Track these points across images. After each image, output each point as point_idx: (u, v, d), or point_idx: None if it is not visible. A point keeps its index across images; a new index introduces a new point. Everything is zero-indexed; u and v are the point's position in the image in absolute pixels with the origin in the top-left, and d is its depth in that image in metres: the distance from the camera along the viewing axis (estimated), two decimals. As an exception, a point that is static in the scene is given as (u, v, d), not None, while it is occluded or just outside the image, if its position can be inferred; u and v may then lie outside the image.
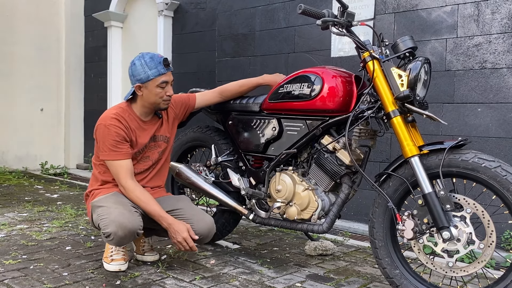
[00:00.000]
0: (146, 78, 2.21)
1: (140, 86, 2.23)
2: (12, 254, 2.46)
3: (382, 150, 3.31)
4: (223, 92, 2.53)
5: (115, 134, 2.19)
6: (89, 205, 2.30)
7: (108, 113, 2.26)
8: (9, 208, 3.64)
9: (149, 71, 2.20)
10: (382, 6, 3.34)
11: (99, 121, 2.24)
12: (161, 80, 2.22)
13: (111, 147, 2.19)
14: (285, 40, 3.88)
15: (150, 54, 2.24)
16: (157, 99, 2.25)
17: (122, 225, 2.05)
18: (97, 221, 2.15)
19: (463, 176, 1.80)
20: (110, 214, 2.09)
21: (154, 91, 2.23)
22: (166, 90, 2.25)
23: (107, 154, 2.21)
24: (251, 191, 2.35)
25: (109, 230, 2.05)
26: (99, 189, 2.31)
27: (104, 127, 2.20)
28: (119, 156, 2.21)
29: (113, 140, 2.19)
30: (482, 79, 2.91)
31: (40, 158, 5.92)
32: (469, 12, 2.95)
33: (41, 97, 5.91)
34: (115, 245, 2.14)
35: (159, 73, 2.21)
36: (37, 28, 5.85)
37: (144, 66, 2.20)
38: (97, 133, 2.24)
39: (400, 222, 1.88)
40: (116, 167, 2.22)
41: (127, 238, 2.10)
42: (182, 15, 4.91)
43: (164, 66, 2.22)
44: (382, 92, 1.96)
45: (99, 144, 2.23)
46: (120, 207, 2.13)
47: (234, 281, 2.17)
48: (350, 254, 2.71)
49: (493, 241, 1.74)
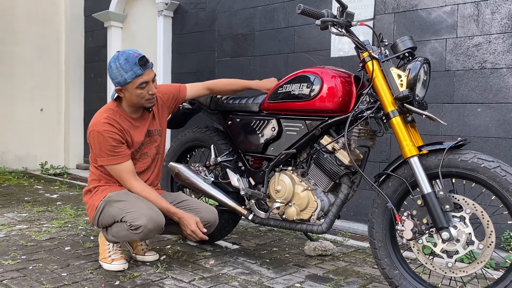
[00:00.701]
0: (123, 82, 2.14)
1: (120, 89, 2.19)
2: (11, 255, 2.45)
3: (382, 150, 3.31)
4: (212, 86, 2.52)
5: (110, 139, 2.17)
6: (93, 201, 2.27)
7: (99, 117, 2.21)
8: (9, 208, 3.64)
9: (125, 74, 2.13)
10: (381, 6, 3.34)
11: (91, 127, 2.20)
12: (139, 81, 2.15)
13: (109, 153, 2.18)
14: (285, 40, 3.88)
15: (125, 54, 2.14)
16: (139, 99, 2.21)
17: (153, 219, 2.10)
18: (119, 215, 2.14)
19: (463, 176, 1.80)
20: (140, 208, 2.11)
21: (135, 93, 2.17)
22: (148, 89, 2.19)
23: (106, 160, 2.20)
24: (250, 191, 2.34)
25: (140, 222, 2.07)
26: (104, 186, 2.30)
27: (98, 134, 2.17)
28: (118, 160, 2.20)
29: (109, 146, 2.17)
30: (482, 79, 2.91)
31: (40, 158, 5.92)
32: (469, 12, 2.95)
33: (41, 97, 5.91)
34: (140, 238, 2.14)
35: (136, 75, 2.13)
36: (37, 28, 5.85)
37: (120, 69, 2.13)
38: (91, 139, 2.21)
39: (399, 223, 1.88)
40: (118, 171, 2.22)
41: (154, 232, 2.14)
42: (181, 15, 4.91)
43: (140, 67, 2.13)
44: (382, 92, 1.95)
45: (95, 150, 2.22)
46: (146, 202, 2.18)
47: (233, 282, 2.17)
48: (350, 255, 2.70)
49: (493, 242, 1.74)
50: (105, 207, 2.21)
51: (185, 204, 2.37)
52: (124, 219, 2.12)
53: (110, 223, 2.22)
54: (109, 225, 2.23)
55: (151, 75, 2.19)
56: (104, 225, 2.26)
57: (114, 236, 2.22)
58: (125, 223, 2.12)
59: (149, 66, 2.18)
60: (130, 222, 2.09)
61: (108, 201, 2.21)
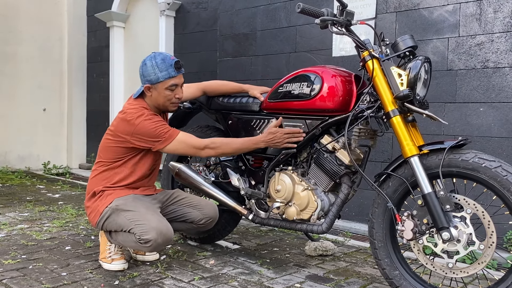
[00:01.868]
0: (156, 80, 2.20)
1: (149, 87, 2.23)
2: (12, 254, 2.46)
3: (384, 150, 3.29)
4: (205, 88, 2.57)
5: (159, 121, 2.19)
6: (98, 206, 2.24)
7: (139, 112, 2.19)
8: (11, 208, 3.65)
9: (159, 73, 2.19)
10: (383, 5, 3.32)
11: (136, 121, 2.16)
12: (170, 83, 2.21)
13: (164, 131, 2.17)
14: (287, 40, 3.87)
15: (162, 55, 2.22)
16: (166, 101, 2.25)
17: (162, 233, 2.09)
18: (127, 226, 2.12)
19: (463, 176, 1.78)
20: (149, 221, 2.09)
21: (163, 93, 2.22)
22: (176, 92, 2.25)
23: (165, 140, 2.18)
24: (250, 191, 2.34)
25: (149, 236, 2.06)
26: (110, 190, 2.26)
27: (148, 121, 2.16)
28: (175, 133, 2.19)
29: (161, 126, 2.18)
30: (484, 78, 2.89)
31: (42, 158, 5.93)
32: (471, 11, 2.93)
33: (43, 97, 5.93)
34: (149, 250, 2.14)
35: (170, 75, 2.20)
36: (40, 28, 5.86)
37: (155, 68, 2.19)
38: (140, 131, 2.16)
39: (399, 223, 1.86)
40: (183, 142, 2.19)
41: (163, 245, 2.14)
42: (183, 15, 4.91)
43: (175, 69, 2.20)
44: (382, 91, 1.94)
45: (149, 139, 2.17)
46: (155, 214, 2.16)
47: (233, 282, 2.16)
48: (351, 255, 2.69)
49: (494, 242, 1.72)
50: (111, 215, 2.18)
51: (185, 201, 2.39)
52: (132, 231, 2.11)
53: (116, 230, 2.20)
54: (114, 231, 2.22)
55: (181, 80, 2.27)
56: (109, 230, 2.25)
57: (120, 243, 2.22)
58: (134, 235, 2.10)
59: (182, 71, 2.25)
60: (139, 235, 2.08)
61: (115, 209, 2.18)
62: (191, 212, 2.36)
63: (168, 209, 2.37)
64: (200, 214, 2.35)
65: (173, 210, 2.37)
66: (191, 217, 2.35)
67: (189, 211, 2.36)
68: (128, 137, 2.21)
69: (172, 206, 2.38)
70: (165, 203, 2.38)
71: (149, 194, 2.36)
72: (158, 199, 2.36)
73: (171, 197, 2.41)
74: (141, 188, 2.34)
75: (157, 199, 2.35)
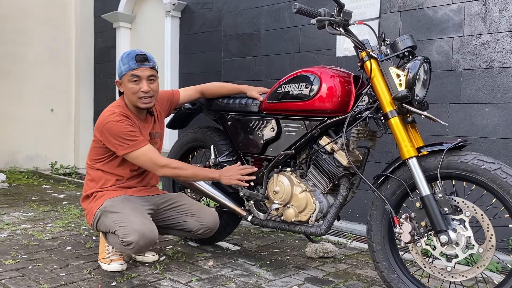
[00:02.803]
0: (120, 74, 2.28)
1: (119, 83, 2.30)
2: (13, 254, 2.47)
3: (388, 151, 3.26)
4: (204, 90, 2.58)
5: (128, 126, 2.20)
6: (92, 207, 2.27)
7: (111, 112, 2.23)
8: (15, 207, 3.68)
9: (122, 67, 2.26)
10: (387, 4, 3.28)
11: (105, 120, 2.21)
12: (130, 73, 2.23)
13: (129, 138, 2.18)
14: (291, 40, 3.85)
15: (130, 51, 2.29)
16: (132, 95, 2.24)
17: (144, 235, 2.08)
18: (112, 227, 2.14)
19: (462, 178, 1.75)
20: (132, 223, 2.09)
21: (128, 86, 2.25)
22: (140, 86, 2.23)
23: (128, 147, 2.19)
24: (248, 192, 2.32)
25: (131, 239, 2.06)
26: (102, 191, 2.29)
27: (114, 123, 2.18)
28: (141, 144, 2.20)
29: (128, 132, 2.19)
30: (489, 78, 2.84)
31: (50, 158, 5.98)
32: (476, 10, 2.88)
33: (51, 98, 5.98)
34: (133, 253, 2.18)
35: (130, 68, 2.24)
36: (48, 29, 5.91)
37: (120, 63, 2.27)
38: (107, 131, 2.19)
39: (397, 225, 1.84)
40: (143, 155, 2.20)
41: (146, 247, 2.14)
42: (189, 16, 4.91)
43: (136, 62, 2.22)
44: (380, 92, 1.91)
45: (113, 141, 2.19)
46: (140, 216, 2.15)
47: (231, 283, 2.15)
48: (352, 257, 2.66)
49: (493, 245, 1.69)
50: (101, 217, 2.21)
51: (184, 208, 2.37)
52: (116, 232, 2.12)
53: (105, 231, 2.23)
54: (106, 232, 2.24)
55: (145, 72, 2.25)
56: (103, 231, 2.27)
57: (111, 244, 2.24)
58: (118, 237, 2.12)
59: (146, 64, 2.24)
60: (121, 237, 2.09)
61: (103, 211, 2.21)
62: (189, 221, 2.34)
63: (165, 215, 2.36)
64: (198, 224, 2.33)
65: (171, 216, 2.36)
66: (189, 226, 2.34)
67: (187, 219, 2.34)
68: (98, 135, 2.25)
69: (170, 212, 2.37)
70: (162, 206, 2.36)
71: (144, 195, 2.35)
72: (153, 201, 2.35)
73: (170, 201, 2.38)
74: (135, 189, 2.34)
75: (151, 202, 2.34)
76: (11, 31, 5.64)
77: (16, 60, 5.69)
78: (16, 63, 5.70)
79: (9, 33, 5.63)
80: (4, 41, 5.59)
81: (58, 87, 6.03)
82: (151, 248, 2.38)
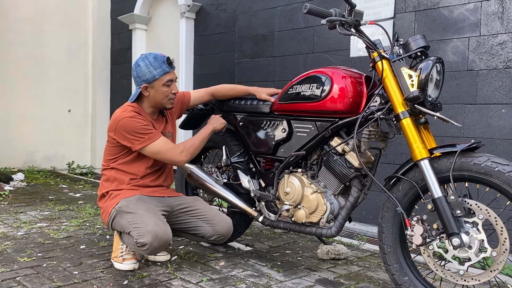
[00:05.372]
0: (152, 78, 2.27)
1: (146, 87, 2.29)
2: (28, 252, 2.52)
3: (402, 153, 3.22)
4: (214, 92, 2.62)
5: (141, 120, 2.24)
6: (107, 206, 2.30)
7: (123, 110, 2.28)
8: (32, 206, 3.74)
9: (154, 71, 2.26)
10: (402, 4, 3.25)
11: (118, 117, 2.24)
12: (166, 78, 2.28)
13: (144, 132, 2.22)
14: (304, 40, 3.84)
15: (153, 54, 2.29)
16: (164, 97, 2.30)
17: (158, 236, 2.09)
18: (127, 228, 2.16)
19: (476, 180, 1.72)
20: (146, 224, 2.11)
21: (161, 90, 2.28)
22: (172, 88, 2.31)
23: (144, 140, 2.22)
24: (259, 193, 2.32)
25: (145, 240, 2.08)
26: (118, 190, 2.31)
27: (128, 120, 2.22)
28: (156, 136, 2.24)
29: (143, 126, 2.23)
30: (506, 79, 2.79)
31: (67, 158, 6.07)
32: (493, 9, 2.83)
33: (69, 99, 6.08)
34: (147, 254, 2.19)
35: (164, 72, 2.27)
36: (66, 31, 6.01)
37: (149, 66, 2.26)
38: (121, 128, 2.22)
39: (409, 228, 1.81)
40: (161, 146, 2.24)
41: (161, 249, 2.16)
42: (203, 17, 4.94)
43: (167, 65, 2.27)
44: (392, 92, 1.90)
45: (128, 137, 2.23)
46: (154, 217, 2.17)
47: (241, 284, 2.15)
48: (364, 259, 2.64)
49: (507, 249, 1.66)
50: (116, 216, 2.24)
51: (199, 212, 2.37)
52: (131, 233, 2.14)
53: (121, 231, 2.26)
54: (121, 231, 2.27)
55: (175, 75, 2.34)
56: (118, 230, 2.30)
57: (126, 243, 2.26)
58: (132, 238, 2.14)
59: (173, 67, 2.33)
60: (136, 238, 2.11)
61: (118, 211, 2.23)
62: (203, 227, 2.34)
63: (179, 218, 2.37)
64: (211, 230, 2.33)
65: (185, 220, 2.37)
66: (202, 231, 2.34)
67: (201, 225, 2.35)
68: (112, 134, 2.27)
69: (184, 215, 2.37)
70: (177, 209, 2.37)
71: (159, 196, 2.37)
72: (168, 203, 2.36)
73: (185, 205, 2.38)
74: (150, 189, 2.36)
75: (166, 203, 2.35)
76: (30, 33, 5.75)
77: (35, 61, 5.80)
78: (35, 64, 5.81)
79: (29, 35, 5.74)
80: (23, 43, 5.70)
81: (75, 88, 6.13)
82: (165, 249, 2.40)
